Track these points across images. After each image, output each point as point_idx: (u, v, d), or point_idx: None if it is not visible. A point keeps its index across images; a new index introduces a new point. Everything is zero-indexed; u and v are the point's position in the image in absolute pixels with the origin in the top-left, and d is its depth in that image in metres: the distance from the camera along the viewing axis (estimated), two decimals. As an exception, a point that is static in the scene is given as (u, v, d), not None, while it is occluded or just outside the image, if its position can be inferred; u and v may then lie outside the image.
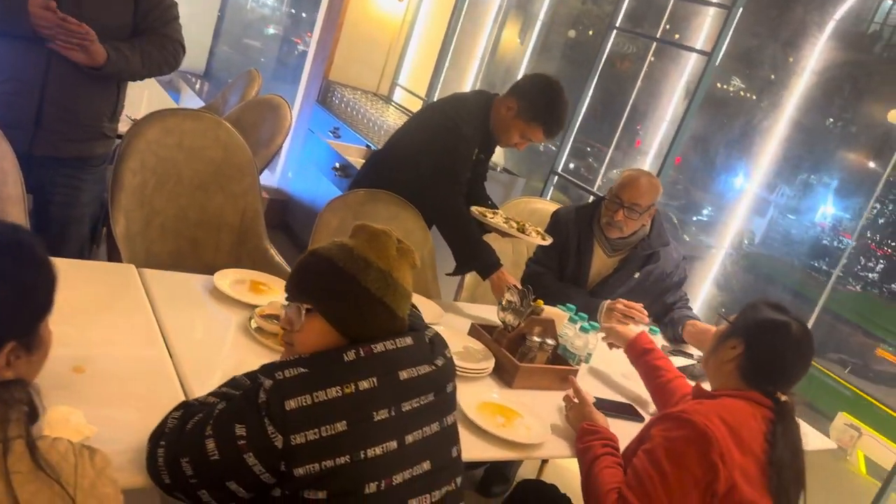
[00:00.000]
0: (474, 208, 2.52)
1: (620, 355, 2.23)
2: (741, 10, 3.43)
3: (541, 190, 4.27)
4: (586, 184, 4.44)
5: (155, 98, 3.83)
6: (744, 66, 6.07)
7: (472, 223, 2.50)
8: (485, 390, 1.93)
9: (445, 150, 2.50)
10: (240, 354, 1.72)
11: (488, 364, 2.03)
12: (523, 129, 2.55)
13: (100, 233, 2.86)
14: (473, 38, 5.56)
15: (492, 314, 2.29)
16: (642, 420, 2.04)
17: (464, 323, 2.28)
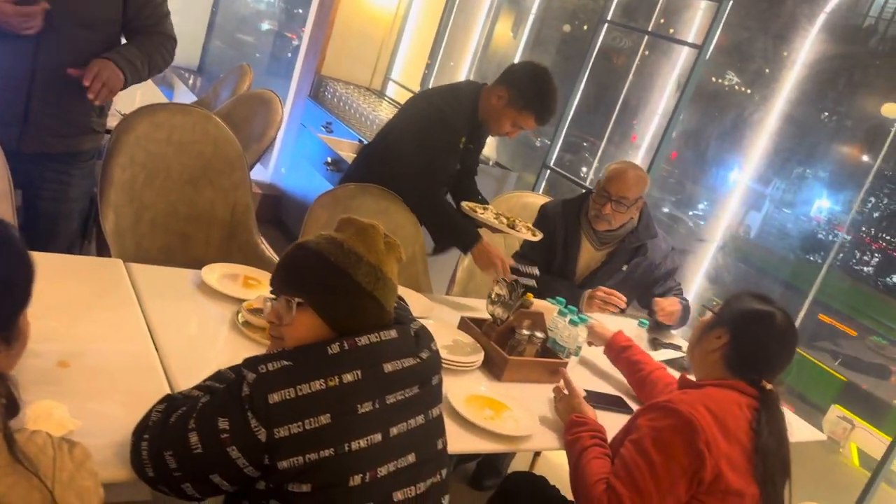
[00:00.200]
0: (464, 204, 2.52)
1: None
2: (731, 3, 3.42)
3: (533, 184, 4.27)
4: (579, 178, 4.44)
5: (148, 93, 3.82)
6: (735, 59, 6.07)
7: (448, 206, 2.52)
8: (473, 383, 1.93)
9: (429, 143, 2.51)
10: (227, 349, 1.72)
11: (477, 357, 2.03)
12: (515, 118, 2.55)
13: (90, 229, 2.85)
14: (466, 32, 5.55)
15: (482, 308, 2.29)
16: (631, 412, 2.05)
17: (454, 316, 2.28)
